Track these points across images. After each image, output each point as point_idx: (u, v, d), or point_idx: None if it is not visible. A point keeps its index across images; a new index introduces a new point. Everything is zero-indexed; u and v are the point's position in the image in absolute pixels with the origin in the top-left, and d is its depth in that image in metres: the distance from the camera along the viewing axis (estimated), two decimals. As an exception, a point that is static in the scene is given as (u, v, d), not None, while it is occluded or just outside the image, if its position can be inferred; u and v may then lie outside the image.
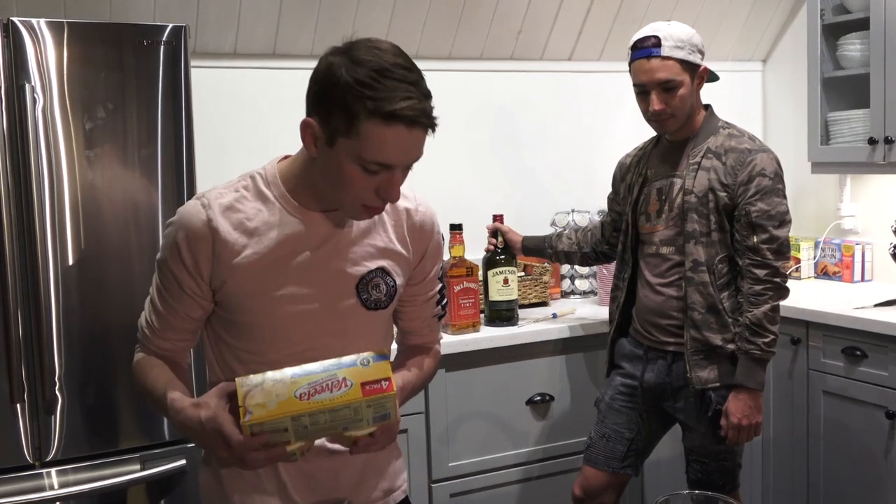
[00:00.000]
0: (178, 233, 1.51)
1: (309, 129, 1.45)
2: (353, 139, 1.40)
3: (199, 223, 1.50)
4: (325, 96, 1.41)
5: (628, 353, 2.70)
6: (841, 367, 3.08)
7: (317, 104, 1.44)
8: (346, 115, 1.39)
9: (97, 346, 2.38)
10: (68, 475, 2.37)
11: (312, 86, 1.46)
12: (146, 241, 2.41)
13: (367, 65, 1.38)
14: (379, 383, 1.37)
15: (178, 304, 1.55)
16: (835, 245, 3.75)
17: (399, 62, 1.41)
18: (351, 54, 1.40)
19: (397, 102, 1.37)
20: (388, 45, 1.44)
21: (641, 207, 2.65)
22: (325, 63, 1.43)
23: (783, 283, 2.47)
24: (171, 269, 1.53)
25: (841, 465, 3.13)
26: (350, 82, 1.38)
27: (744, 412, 2.46)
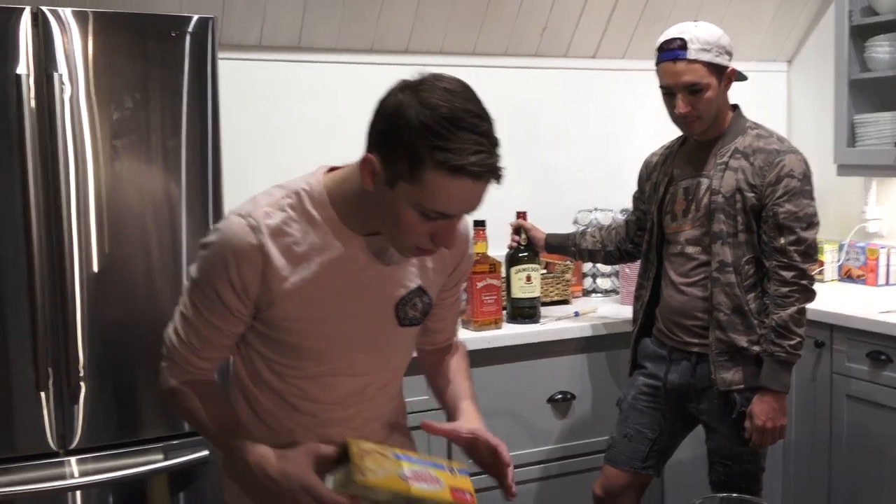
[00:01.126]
0: (224, 253, 1.46)
1: (369, 165, 1.39)
2: (415, 186, 1.35)
3: (249, 246, 1.45)
4: (391, 137, 1.36)
5: (651, 353, 2.68)
6: (865, 371, 3.05)
7: (380, 143, 1.38)
8: (410, 162, 1.34)
9: (121, 337, 2.38)
10: (90, 464, 2.37)
11: (377, 123, 1.40)
12: (169, 233, 2.41)
13: (438, 110, 1.32)
14: (464, 493, 1.49)
15: (221, 322, 1.51)
16: (859, 248, 3.72)
17: (471, 109, 1.35)
18: (421, 95, 1.34)
19: (467, 156, 1.31)
20: (459, 85, 1.38)
21: (667, 207, 2.63)
22: (393, 100, 1.37)
23: (810, 285, 2.45)
24: (216, 289, 1.48)
25: (863, 471, 3.10)
26: (419, 128, 1.32)
27: (768, 414, 2.45)
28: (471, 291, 2.97)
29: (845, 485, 3.16)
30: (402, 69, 3.48)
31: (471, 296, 2.96)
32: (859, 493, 3.12)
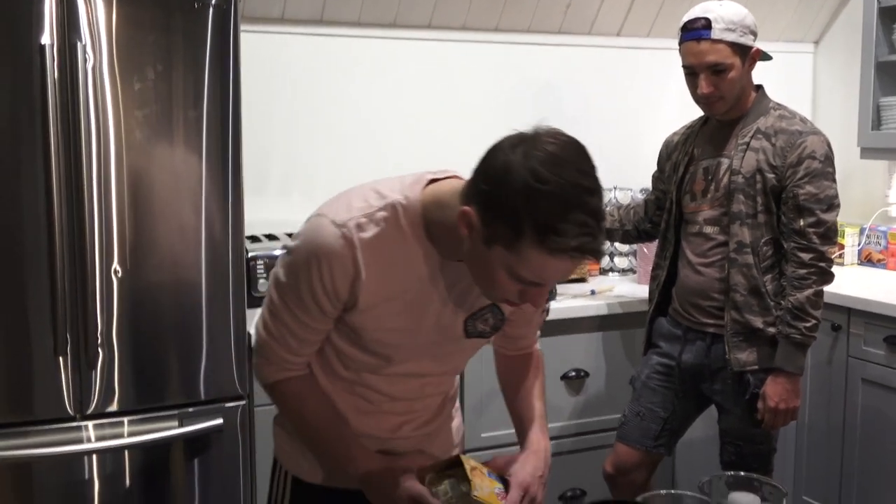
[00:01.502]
0: (319, 261, 1.45)
1: (467, 219, 1.35)
2: (513, 254, 1.31)
3: (344, 258, 1.44)
4: (495, 201, 1.31)
5: (666, 332, 2.68)
6: (882, 355, 3.04)
7: (482, 202, 1.33)
8: (512, 232, 1.29)
9: (139, 305, 2.40)
10: (106, 429, 2.41)
11: (482, 180, 1.34)
12: (189, 203, 2.42)
13: (550, 187, 1.26)
14: None
15: (315, 323, 1.53)
16: (880, 232, 3.69)
17: (583, 184, 1.29)
18: (532, 162, 1.28)
19: (571, 239, 1.27)
20: (573, 151, 1.33)
21: (686, 186, 2.62)
22: (502, 160, 1.31)
23: (828, 267, 2.44)
24: (311, 292, 1.47)
25: (876, 455, 3.09)
26: (525, 201, 1.27)
27: (781, 396, 2.44)
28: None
29: (858, 468, 3.16)
30: (424, 45, 3.49)
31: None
32: (872, 477, 3.12)
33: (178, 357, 2.46)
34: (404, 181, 1.50)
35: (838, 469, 3.23)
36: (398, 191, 1.48)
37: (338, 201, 1.50)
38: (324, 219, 1.46)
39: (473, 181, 1.37)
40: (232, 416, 2.53)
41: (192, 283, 2.45)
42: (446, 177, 1.50)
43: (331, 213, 1.47)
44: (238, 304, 2.51)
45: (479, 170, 1.36)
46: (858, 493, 3.17)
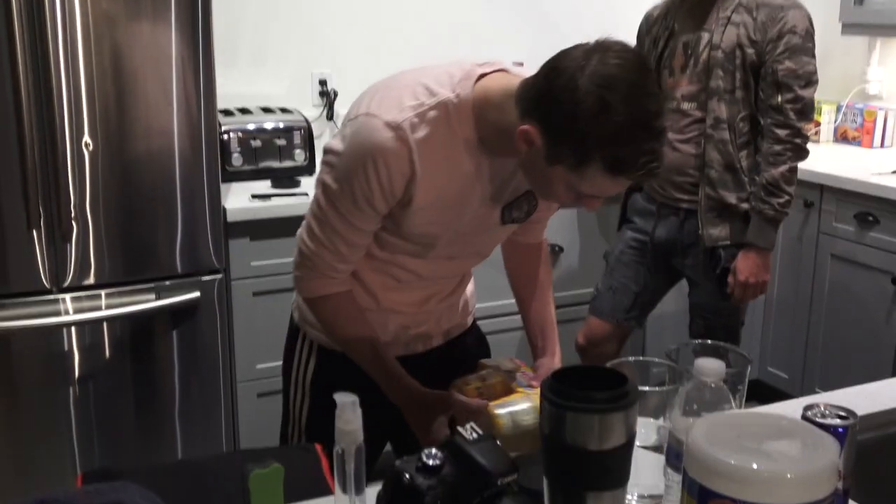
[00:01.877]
0: (376, 163, 1.42)
1: (527, 137, 1.33)
2: (576, 174, 1.31)
3: (401, 158, 1.42)
4: (562, 126, 1.29)
5: (641, 208, 2.70)
6: (851, 231, 3.08)
7: (546, 122, 1.31)
8: (578, 156, 1.29)
9: (111, 178, 2.38)
10: (84, 301, 2.43)
11: (547, 101, 1.30)
12: (159, 76, 2.36)
13: (620, 116, 1.25)
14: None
15: (368, 225, 1.52)
16: (857, 110, 3.69)
17: (650, 108, 1.27)
18: (601, 91, 1.25)
19: (636, 162, 1.27)
20: (637, 64, 1.30)
21: (666, 62, 2.58)
22: (569, 83, 1.27)
23: (803, 144, 2.45)
24: (367, 194, 1.45)
25: (841, 327, 3.18)
26: (594, 126, 1.25)
27: (752, 271, 2.49)
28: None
29: (823, 341, 3.25)
30: None
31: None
32: (835, 349, 3.21)
33: (153, 231, 2.46)
34: (453, 75, 1.46)
35: (803, 342, 3.32)
36: (448, 86, 1.44)
37: (387, 98, 1.45)
38: (376, 120, 1.42)
39: (536, 98, 1.33)
40: (209, 290, 2.54)
41: (165, 157, 2.42)
42: (493, 70, 1.46)
43: (382, 112, 1.43)
44: (212, 179, 2.49)
45: (542, 87, 1.32)
46: (821, 365, 3.27)
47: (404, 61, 3.49)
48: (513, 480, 0.94)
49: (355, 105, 1.50)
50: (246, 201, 2.65)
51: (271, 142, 2.90)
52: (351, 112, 1.49)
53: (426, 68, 1.51)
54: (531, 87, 1.35)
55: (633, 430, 0.97)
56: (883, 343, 3.02)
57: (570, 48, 1.34)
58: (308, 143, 2.96)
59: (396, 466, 0.94)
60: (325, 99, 3.26)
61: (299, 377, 1.80)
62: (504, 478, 0.93)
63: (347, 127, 1.47)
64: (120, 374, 2.51)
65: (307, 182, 2.89)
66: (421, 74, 1.49)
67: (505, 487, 0.93)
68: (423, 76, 1.47)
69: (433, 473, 0.93)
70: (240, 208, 2.61)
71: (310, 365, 1.78)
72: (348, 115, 1.50)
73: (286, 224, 2.66)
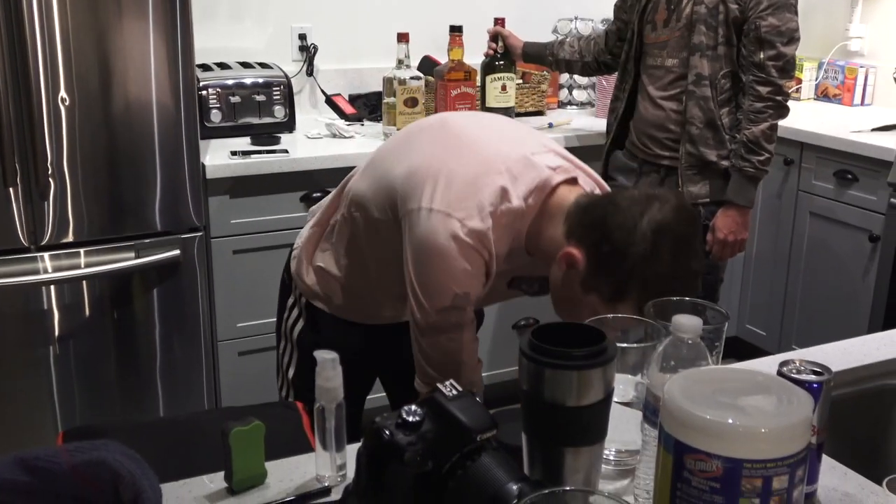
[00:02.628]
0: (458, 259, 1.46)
1: (570, 261, 1.40)
2: (606, 306, 1.36)
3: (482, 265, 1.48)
4: (609, 263, 1.36)
5: (622, 165, 2.70)
6: (831, 189, 3.10)
7: (595, 257, 1.38)
8: (616, 292, 1.35)
9: (88, 134, 2.35)
10: (62, 259, 2.41)
11: (602, 230, 1.37)
12: (135, 31, 2.33)
13: (665, 268, 1.33)
14: None
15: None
16: (838, 67, 3.69)
17: (694, 268, 1.36)
18: (654, 239, 1.33)
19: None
20: (687, 217, 1.37)
21: (649, 16, 2.57)
22: (627, 218, 1.35)
23: (784, 101, 2.45)
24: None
25: (819, 284, 3.21)
26: (640, 274, 1.33)
27: (731, 228, 2.50)
28: (445, 99, 2.94)
29: (801, 296, 3.29)
30: None
31: (444, 104, 2.94)
32: (813, 305, 3.25)
33: (132, 188, 2.44)
34: (531, 180, 1.47)
35: (781, 299, 3.35)
36: (522, 192, 1.47)
37: (466, 196, 1.45)
38: (460, 225, 1.43)
39: (590, 225, 1.39)
40: (189, 247, 2.53)
41: (144, 113, 2.40)
42: (565, 179, 1.50)
43: (464, 215, 1.44)
44: (191, 135, 2.47)
45: (598, 217, 1.39)
46: (799, 322, 3.31)
47: (384, 14, 3.47)
48: (492, 436, 0.94)
49: (417, 184, 1.48)
50: (225, 158, 2.62)
51: (250, 97, 2.87)
52: (416, 194, 1.48)
53: (500, 146, 1.52)
54: (585, 213, 1.41)
55: (610, 387, 0.98)
56: (860, 300, 3.05)
57: (626, 189, 1.44)
58: (288, 99, 2.93)
59: (376, 423, 0.94)
60: (305, 54, 3.23)
61: (287, 331, 1.82)
62: (483, 434, 0.93)
63: (422, 217, 1.46)
64: (100, 332, 2.50)
65: (287, 139, 2.87)
66: (504, 162, 1.49)
67: (484, 443, 0.93)
68: (505, 169, 1.47)
69: (413, 430, 0.93)
70: (219, 165, 2.58)
71: (298, 322, 1.79)
72: (410, 192, 1.49)
73: (266, 181, 2.64)
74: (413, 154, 1.55)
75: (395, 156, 1.59)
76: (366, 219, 1.61)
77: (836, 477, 1.14)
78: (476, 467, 0.92)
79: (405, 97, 2.84)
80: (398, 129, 2.84)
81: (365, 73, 3.31)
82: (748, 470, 0.81)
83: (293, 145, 2.79)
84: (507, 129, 1.64)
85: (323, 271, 1.72)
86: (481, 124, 1.63)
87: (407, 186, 1.50)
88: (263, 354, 2.71)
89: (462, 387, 0.98)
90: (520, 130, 1.65)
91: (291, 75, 3.03)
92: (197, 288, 2.58)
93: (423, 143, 1.57)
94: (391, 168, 1.57)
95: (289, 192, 2.68)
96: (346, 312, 1.74)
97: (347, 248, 1.68)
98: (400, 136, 1.67)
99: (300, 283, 1.77)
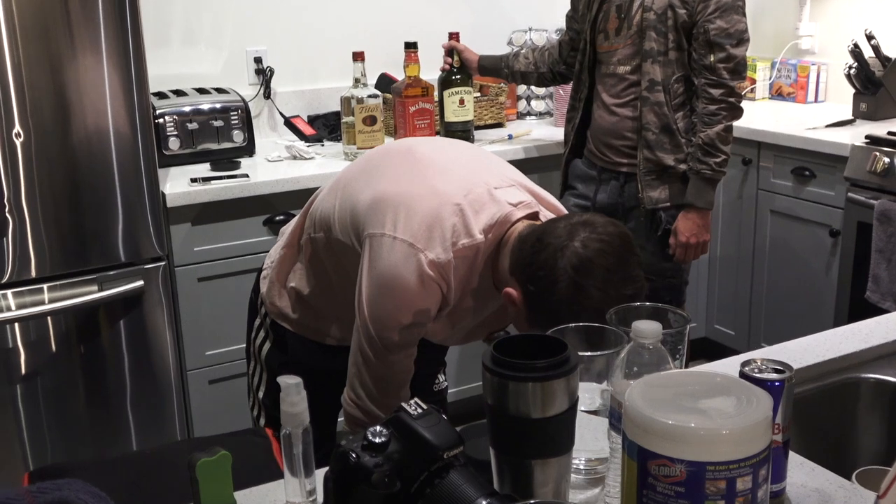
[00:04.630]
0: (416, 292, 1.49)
1: (511, 299, 1.44)
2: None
3: (438, 296, 1.50)
4: (539, 302, 1.39)
5: (582, 173, 2.72)
6: (789, 186, 3.14)
7: (527, 296, 1.40)
8: (551, 322, 1.33)
9: (45, 168, 2.32)
10: (26, 296, 2.38)
11: (531, 269, 1.39)
12: (88, 60, 2.31)
13: (594, 302, 1.33)
14: None
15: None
16: (791, 65, 3.74)
17: (626, 293, 1.34)
18: (578, 278, 1.34)
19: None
20: (619, 244, 1.37)
21: (600, 25, 2.60)
22: (549, 255, 1.36)
23: (737, 102, 2.48)
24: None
25: (784, 281, 3.24)
26: (568, 310, 1.33)
27: (692, 231, 2.52)
28: (404, 116, 2.95)
29: (766, 295, 3.32)
30: None
31: (403, 120, 2.95)
32: (778, 302, 3.28)
33: (92, 220, 2.42)
34: (492, 215, 1.49)
35: (748, 298, 3.39)
36: (483, 225, 1.48)
37: (431, 230, 1.47)
38: (419, 255, 1.45)
39: (522, 264, 1.41)
40: (153, 277, 2.51)
41: (100, 144, 2.38)
42: (526, 214, 1.51)
43: (425, 245, 1.46)
44: (150, 164, 2.45)
45: (527, 255, 1.40)
46: (766, 320, 3.34)
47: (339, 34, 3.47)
48: (459, 453, 0.94)
49: (381, 210, 1.50)
50: (185, 185, 2.61)
51: (208, 123, 2.85)
52: (379, 220, 1.49)
53: (464, 178, 1.53)
54: (520, 248, 1.42)
55: (575, 397, 0.99)
56: (824, 295, 3.09)
57: (558, 220, 1.42)
58: (246, 123, 2.92)
59: (342, 446, 0.94)
60: (262, 77, 3.22)
61: (255, 352, 1.82)
62: (450, 451, 0.93)
63: (384, 244, 1.48)
64: (67, 368, 2.47)
65: (247, 163, 2.86)
66: (459, 193, 1.50)
67: (452, 460, 0.94)
68: (462, 200, 1.49)
69: (379, 451, 0.93)
70: (179, 193, 2.57)
71: (266, 342, 1.79)
72: (373, 218, 1.50)
73: (228, 207, 2.63)
74: (378, 181, 1.56)
75: (360, 181, 1.60)
76: (329, 240, 1.61)
77: (804, 473, 1.15)
78: (444, 485, 0.92)
79: (364, 115, 2.84)
80: (358, 147, 2.84)
81: (322, 93, 3.31)
82: (711, 472, 0.81)
83: (254, 169, 2.78)
84: (471, 159, 1.65)
85: (295, 292, 1.72)
86: (446, 154, 1.64)
87: (370, 212, 1.51)
88: (234, 381, 2.69)
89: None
90: (484, 161, 1.66)
91: (249, 99, 3.02)
92: (163, 318, 2.56)
93: (389, 170, 1.58)
94: (355, 193, 1.58)
95: (252, 216, 2.67)
96: (315, 333, 1.73)
97: (315, 268, 1.68)
98: (366, 161, 1.68)
99: (269, 304, 1.76)
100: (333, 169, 2.71)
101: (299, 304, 1.73)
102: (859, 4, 3.57)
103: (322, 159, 2.91)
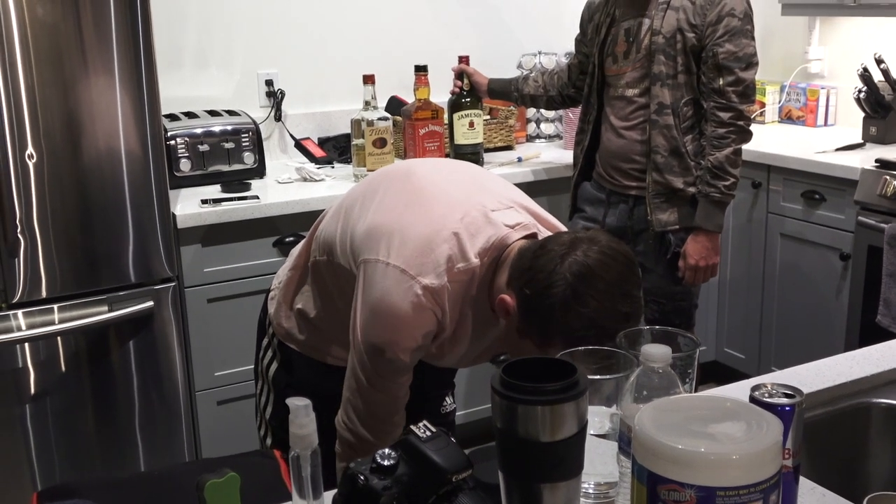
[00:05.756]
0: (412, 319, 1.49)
1: (504, 307, 1.43)
2: (540, 350, 1.38)
3: (434, 323, 1.50)
4: (533, 308, 1.38)
5: (591, 196, 2.72)
6: (799, 210, 3.13)
7: (522, 302, 1.39)
8: (543, 336, 1.37)
9: (57, 189, 2.34)
10: (36, 317, 2.39)
11: (528, 274, 1.38)
12: (100, 82, 2.33)
13: (589, 311, 1.32)
14: None
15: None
16: (800, 89, 3.75)
17: (622, 310, 1.33)
18: (576, 283, 1.33)
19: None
20: (620, 261, 1.36)
21: (609, 49, 2.61)
22: (548, 268, 1.35)
23: (746, 126, 2.48)
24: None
25: (794, 305, 3.23)
26: (562, 320, 1.33)
27: (701, 254, 2.52)
28: (413, 138, 2.96)
29: (776, 318, 3.31)
30: None
31: (413, 143, 2.96)
32: (789, 326, 3.27)
33: (103, 241, 2.43)
34: (487, 238, 1.49)
35: (758, 321, 3.37)
36: (479, 249, 1.48)
37: (425, 255, 1.47)
38: (414, 284, 1.45)
39: (520, 270, 1.40)
40: (163, 298, 2.52)
41: (112, 165, 2.39)
42: (524, 236, 1.51)
43: (419, 271, 1.46)
44: (161, 185, 2.47)
45: (526, 261, 1.39)
46: (776, 343, 3.32)
47: (349, 57, 3.49)
48: (468, 476, 0.94)
49: (376, 237, 1.51)
50: (196, 207, 2.62)
51: (219, 145, 2.87)
52: (373, 246, 1.50)
53: (461, 202, 1.53)
54: (520, 259, 1.42)
55: (584, 420, 0.98)
56: (835, 318, 3.07)
57: (562, 233, 1.42)
58: (257, 145, 2.94)
59: (350, 469, 0.94)
60: (273, 99, 3.24)
61: (263, 372, 1.82)
62: (459, 474, 0.93)
63: (378, 270, 1.48)
64: (77, 388, 2.48)
65: (257, 184, 2.87)
66: (455, 217, 1.50)
67: (461, 483, 0.93)
68: (458, 224, 1.49)
69: (388, 473, 0.93)
70: (190, 214, 2.58)
71: (273, 362, 1.79)
72: (368, 244, 1.51)
73: (238, 228, 2.64)
74: (376, 207, 1.57)
75: (360, 206, 1.61)
76: (332, 263, 1.62)
77: (815, 499, 1.14)
78: (453, 508, 0.92)
79: (374, 138, 2.85)
80: (368, 169, 2.85)
81: (333, 115, 3.33)
82: (721, 498, 0.81)
83: (264, 191, 2.80)
84: (470, 181, 1.64)
85: (302, 313, 1.72)
86: (445, 176, 1.64)
87: (366, 239, 1.52)
88: (242, 402, 2.69)
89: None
90: (483, 183, 1.65)
91: (260, 121, 3.04)
92: (172, 339, 2.56)
93: (386, 196, 1.58)
94: (354, 218, 1.59)
95: (261, 237, 2.68)
96: (321, 354, 1.74)
97: (320, 291, 1.69)
98: (367, 184, 1.68)
99: (276, 325, 1.77)
100: (343, 191, 2.70)
101: (306, 326, 1.73)
102: (868, 28, 3.58)
103: (332, 181, 2.92)
